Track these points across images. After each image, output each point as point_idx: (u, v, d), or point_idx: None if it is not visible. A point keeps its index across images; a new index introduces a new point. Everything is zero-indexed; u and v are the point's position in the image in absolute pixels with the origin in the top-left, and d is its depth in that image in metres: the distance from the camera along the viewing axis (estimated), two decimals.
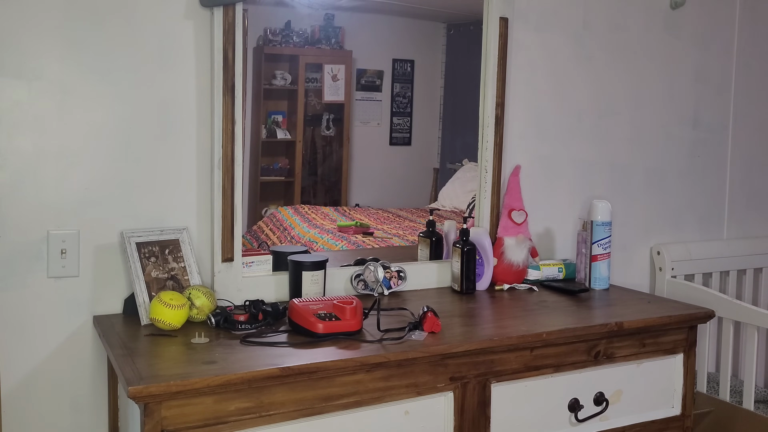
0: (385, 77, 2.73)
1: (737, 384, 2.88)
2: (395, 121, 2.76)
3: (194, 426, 1.60)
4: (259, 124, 2.53)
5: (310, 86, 2.62)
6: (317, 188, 2.69)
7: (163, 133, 2.09)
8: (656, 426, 2.23)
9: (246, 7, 2.13)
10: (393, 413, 1.82)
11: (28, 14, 1.92)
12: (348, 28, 2.61)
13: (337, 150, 2.62)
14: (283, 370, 1.66)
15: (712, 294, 2.74)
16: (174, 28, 2.07)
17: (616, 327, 2.10)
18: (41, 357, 2.01)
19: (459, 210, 2.71)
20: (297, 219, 2.57)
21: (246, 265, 2.17)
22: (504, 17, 2.45)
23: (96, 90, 2.01)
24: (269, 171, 2.61)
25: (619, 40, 2.81)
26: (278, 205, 2.59)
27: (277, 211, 2.57)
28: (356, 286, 2.31)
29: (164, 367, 1.67)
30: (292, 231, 2.52)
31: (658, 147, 2.95)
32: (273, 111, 2.57)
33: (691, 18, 2.96)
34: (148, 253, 2.03)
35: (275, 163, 2.62)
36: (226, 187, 2.10)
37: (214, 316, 1.94)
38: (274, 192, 2.61)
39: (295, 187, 2.65)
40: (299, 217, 2.58)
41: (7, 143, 1.94)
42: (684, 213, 3.05)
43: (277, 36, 2.53)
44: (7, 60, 1.92)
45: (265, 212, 2.55)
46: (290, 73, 2.44)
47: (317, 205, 2.66)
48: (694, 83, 3.01)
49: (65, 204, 2.00)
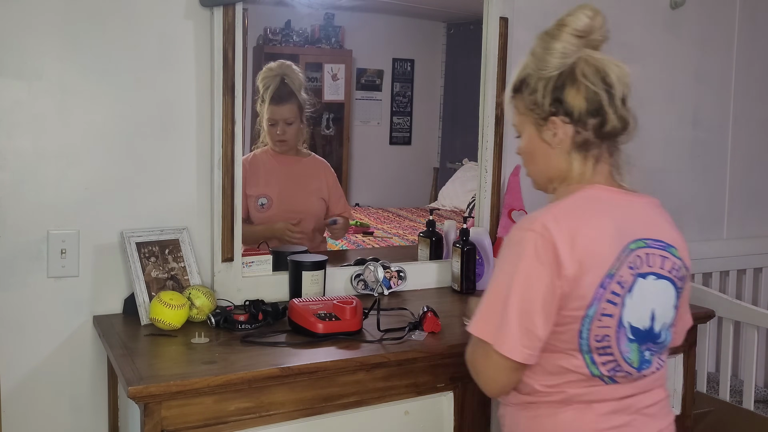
0: (385, 77, 2.74)
1: (737, 384, 2.88)
2: (395, 120, 2.76)
3: (194, 426, 1.60)
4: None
5: (311, 85, 2.62)
6: None
7: (163, 133, 2.08)
8: None
9: (246, 6, 2.13)
10: (393, 413, 1.82)
11: (28, 14, 1.92)
12: (348, 27, 2.61)
13: (337, 149, 2.62)
14: (283, 370, 1.66)
15: (712, 294, 2.74)
16: (174, 28, 2.07)
17: None
18: (41, 357, 2.01)
19: (459, 210, 2.72)
20: None
21: (246, 265, 2.17)
22: (504, 17, 2.45)
23: (96, 90, 2.01)
24: None
25: (619, 40, 2.80)
26: None
27: None
28: (356, 286, 2.31)
29: (164, 367, 1.67)
30: None
31: (658, 147, 2.95)
32: None
33: (691, 18, 2.96)
34: (148, 253, 2.02)
35: None
36: (226, 186, 2.10)
37: (214, 316, 1.94)
38: None
39: None
40: None
41: (7, 143, 1.94)
42: (684, 213, 3.04)
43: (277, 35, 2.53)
44: (7, 60, 1.92)
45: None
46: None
47: None
48: (694, 83, 3.01)
49: (65, 204, 2.00)
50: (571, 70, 1.43)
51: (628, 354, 1.40)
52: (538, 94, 1.44)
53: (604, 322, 1.37)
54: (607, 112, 1.44)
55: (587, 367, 1.39)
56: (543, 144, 1.46)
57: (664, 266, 1.43)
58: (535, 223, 1.37)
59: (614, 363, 1.39)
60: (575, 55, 1.43)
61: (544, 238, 1.35)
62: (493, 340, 1.36)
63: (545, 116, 1.44)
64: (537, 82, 1.44)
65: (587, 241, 1.36)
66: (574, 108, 1.42)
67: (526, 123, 1.49)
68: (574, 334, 1.37)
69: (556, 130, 1.44)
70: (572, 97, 1.42)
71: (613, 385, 1.40)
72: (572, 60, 1.43)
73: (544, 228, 1.36)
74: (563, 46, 1.43)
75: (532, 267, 1.35)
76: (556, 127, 1.44)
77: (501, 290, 1.37)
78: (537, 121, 1.46)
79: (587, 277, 1.35)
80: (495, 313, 1.37)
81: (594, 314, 1.36)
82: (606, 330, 1.37)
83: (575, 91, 1.42)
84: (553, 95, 1.43)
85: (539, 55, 1.44)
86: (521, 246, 1.37)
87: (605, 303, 1.37)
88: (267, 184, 2.45)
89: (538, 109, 1.45)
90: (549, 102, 1.43)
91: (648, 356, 1.42)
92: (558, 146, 1.45)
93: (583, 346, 1.38)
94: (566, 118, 1.43)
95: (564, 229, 1.36)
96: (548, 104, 1.43)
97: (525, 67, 1.48)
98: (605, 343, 1.38)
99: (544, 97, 1.43)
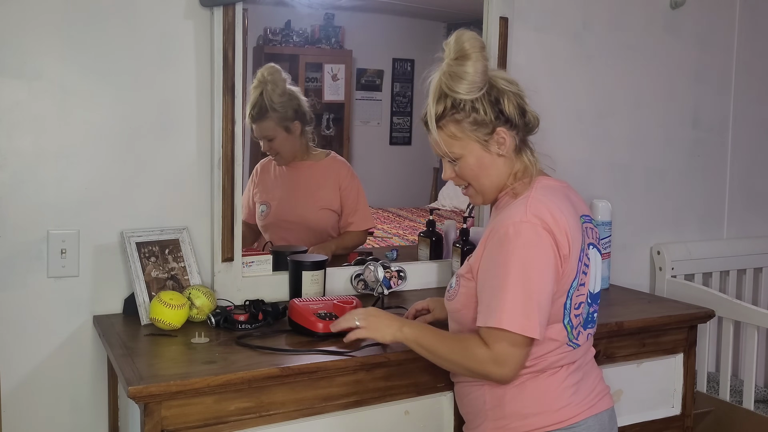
0: (385, 77, 2.73)
1: (737, 384, 2.88)
2: (395, 120, 2.76)
3: (194, 426, 1.60)
4: None
5: (310, 86, 2.62)
6: None
7: (163, 133, 2.08)
8: (656, 426, 2.24)
9: (246, 6, 2.13)
10: (393, 413, 1.82)
11: (28, 14, 1.92)
12: (348, 27, 2.61)
13: (337, 149, 2.61)
14: (283, 370, 1.66)
15: (712, 294, 2.74)
16: (174, 27, 2.07)
17: (616, 327, 2.10)
18: (41, 357, 2.01)
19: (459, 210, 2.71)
20: None
21: (246, 264, 2.17)
22: (504, 17, 2.45)
23: (96, 90, 2.01)
24: None
25: (619, 40, 2.81)
26: None
27: None
28: (356, 286, 2.31)
29: (164, 367, 1.67)
30: None
31: (658, 147, 2.95)
32: None
33: (691, 18, 2.96)
34: (148, 253, 2.02)
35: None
36: (226, 186, 2.10)
37: (214, 316, 1.94)
38: None
39: None
40: None
41: (7, 143, 1.94)
42: (684, 212, 3.05)
43: (277, 35, 2.53)
44: (7, 60, 1.92)
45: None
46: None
47: None
48: (694, 83, 3.01)
49: (65, 204, 2.00)
50: (493, 85, 1.59)
51: (586, 317, 1.63)
52: (478, 113, 1.57)
53: (580, 291, 1.60)
54: (527, 111, 1.63)
55: (567, 335, 1.59)
56: (491, 156, 1.61)
57: (594, 236, 1.68)
58: (527, 215, 1.51)
59: (580, 327, 1.62)
60: (487, 71, 1.59)
61: (541, 226, 1.50)
62: (522, 328, 1.48)
63: (491, 131, 1.58)
64: (474, 103, 1.57)
65: (566, 223, 1.54)
66: (510, 115, 1.59)
67: (466, 145, 1.60)
68: (561, 306, 1.56)
69: (504, 139, 1.59)
70: (507, 106, 1.59)
71: (576, 349, 1.62)
72: (488, 75, 1.59)
73: (536, 217, 1.51)
74: (478, 66, 1.56)
75: (541, 254, 1.50)
76: (502, 136, 1.59)
77: (517, 282, 1.48)
78: (481, 139, 1.59)
79: (573, 254, 1.54)
80: (514, 304, 1.48)
81: (575, 285, 1.57)
82: (581, 298, 1.60)
83: (507, 100, 1.59)
84: (495, 109, 1.58)
85: (459, 78, 1.56)
86: (523, 237, 1.50)
87: (581, 274, 1.58)
88: (269, 191, 2.44)
89: (482, 127, 1.58)
90: (492, 116, 1.58)
91: (594, 314, 1.68)
92: (506, 153, 1.61)
93: (566, 317, 1.58)
94: (507, 126, 1.59)
95: (548, 215, 1.52)
96: (493, 118, 1.58)
97: (441, 96, 1.59)
98: (580, 311, 1.60)
99: (486, 113, 1.57)
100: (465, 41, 1.57)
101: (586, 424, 1.59)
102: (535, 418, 1.58)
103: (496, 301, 1.49)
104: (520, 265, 1.48)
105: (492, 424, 1.62)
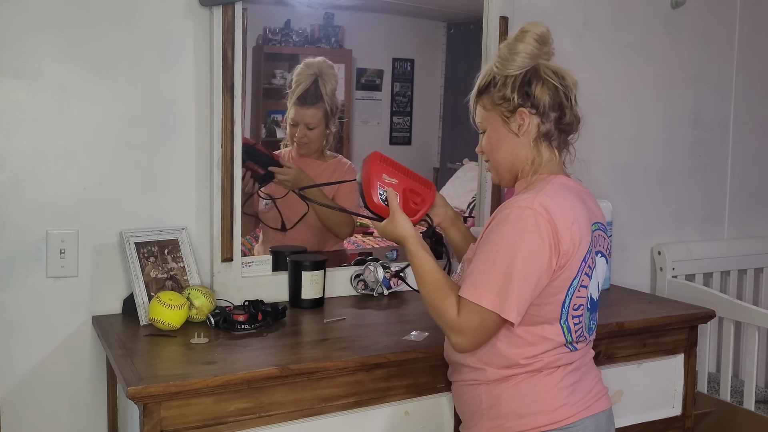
0: (385, 76, 2.73)
1: (738, 384, 2.88)
2: (395, 120, 2.76)
3: (193, 426, 1.60)
4: (258, 123, 2.52)
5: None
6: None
7: (163, 133, 2.08)
8: (657, 426, 2.23)
9: (245, 6, 2.13)
10: (393, 413, 1.81)
11: (27, 14, 1.92)
12: (348, 27, 2.60)
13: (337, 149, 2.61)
14: (283, 371, 1.66)
15: (713, 294, 2.74)
16: (173, 27, 2.07)
17: (617, 327, 2.10)
18: (40, 357, 2.01)
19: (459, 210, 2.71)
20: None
21: (245, 265, 2.16)
22: (504, 16, 2.45)
23: (95, 90, 2.00)
24: None
25: (620, 40, 2.81)
26: None
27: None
28: (356, 287, 2.30)
29: (163, 367, 1.67)
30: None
31: (658, 147, 2.95)
32: (273, 110, 2.56)
33: (691, 18, 2.96)
34: (147, 253, 2.02)
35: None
36: (226, 186, 2.09)
37: (214, 317, 1.93)
38: None
39: None
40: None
41: (6, 143, 1.93)
42: (684, 213, 3.04)
43: (276, 35, 2.52)
44: (7, 59, 1.91)
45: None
46: (290, 73, 2.43)
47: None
48: (694, 83, 3.01)
49: (64, 204, 2.00)
50: (535, 70, 1.62)
51: (587, 321, 1.65)
52: (507, 89, 1.62)
53: (581, 293, 1.60)
54: (565, 107, 1.64)
55: (564, 335, 1.60)
56: (509, 134, 1.64)
57: (604, 245, 1.70)
58: (534, 203, 1.53)
59: (581, 330, 1.63)
60: (537, 58, 1.62)
61: (544, 217, 1.51)
62: (498, 307, 1.51)
63: (513, 108, 1.62)
64: (505, 80, 1.62)
65: (574, 221, 1.55)
66: (539, 101, 1.61)
67: (492, 117, 1.66)
68: (559, 304, 1.57)
69: (524, 120, 1.61)
70: (538, 91, 1.61)
71: (574, 351, 1.63)
72: (535, 63, 1.62)
73: (543, 207, 1.52)
74: (526, 48, 1.61)
75: (534, 242, 1.51)
76: (523, 117, 1.61)
77: (503, 262, 1.51)
78: (504, 114, 1.63)
79: (577, 253, 1.55)
80: (496, 283, 1.51)
81: (576, 285, 1.58)
82: (581, 300, 1.61)
83: (541, 86, 1.61)
84: (522, 89, 1.61)
85: (506, 56, 1.63)
86: (522, 222, 1.52)
87: (584, 276, 1.59)
88: (275, 185, 2.43)
89: (506, 103, 1.62)
90: (518, 95, 1.61)
91: (593, 324, 1.70)
92: (524, 136, 1.63)
93: (563, 316, 1.59)
94: (533, 110, 1.61)
95: (558, 209, 1.53)
96: (517, 97, 1.61)
97: (490, 71, 1.66)
98: (579, 312, 1.61)
99: (512, 91, 1.61)
100: (527, 26, 1.63)
101: (583, 425, 1.60)
102: (531, 418, 1.59)
103: (478, 275, 1.53)
104: (510, 247, 1.51)
105: (488, 424, 1.63)
